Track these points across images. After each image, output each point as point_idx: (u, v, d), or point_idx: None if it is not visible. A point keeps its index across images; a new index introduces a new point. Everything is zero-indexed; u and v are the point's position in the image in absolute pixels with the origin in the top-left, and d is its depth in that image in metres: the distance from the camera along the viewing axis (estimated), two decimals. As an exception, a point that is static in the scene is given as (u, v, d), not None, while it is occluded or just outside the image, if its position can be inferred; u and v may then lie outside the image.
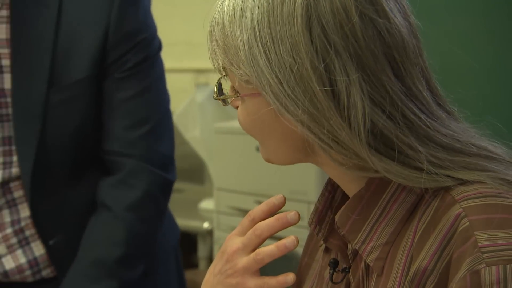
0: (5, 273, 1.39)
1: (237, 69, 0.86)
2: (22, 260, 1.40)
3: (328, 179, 0.95)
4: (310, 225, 0.94)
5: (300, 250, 1.04)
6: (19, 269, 1.40)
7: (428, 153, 0.81)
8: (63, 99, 1.35)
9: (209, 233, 2.70)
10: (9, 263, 1.39)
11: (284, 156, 0.90)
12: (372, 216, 0.85)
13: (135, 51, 1.38)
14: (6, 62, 1.35)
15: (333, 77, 0.80)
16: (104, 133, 1.40)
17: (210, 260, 2.71)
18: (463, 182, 0.81)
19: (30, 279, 1.41)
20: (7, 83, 1.35)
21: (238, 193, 2.45)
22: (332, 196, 0.94)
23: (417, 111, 0.83)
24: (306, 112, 0.81)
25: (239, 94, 0.89)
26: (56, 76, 1.34)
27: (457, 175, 0.81)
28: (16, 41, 1.34)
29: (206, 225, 2.71)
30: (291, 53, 0.81)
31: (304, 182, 2.18)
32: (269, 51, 0.82)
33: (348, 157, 0.83)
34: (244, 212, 2.45)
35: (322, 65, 0.80)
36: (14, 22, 1.34)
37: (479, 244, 0.75)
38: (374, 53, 0.81)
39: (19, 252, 1.39)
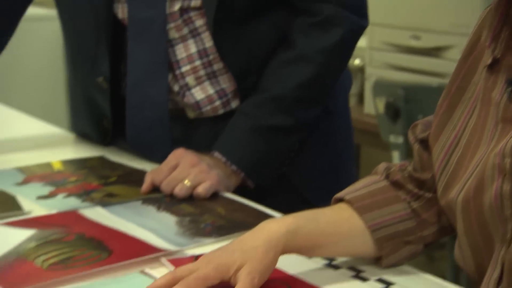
0: (197, 104, 1.43)
1: None
2: (211, 91, 1.42)
3: None
4: (485, 43, 0.90)
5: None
6: (209, 99, 1.43)
7: None
8: None
9: (361, 70, 2.66)
10: (198, 94, 1.42)
11: None
12: None
13: None
14: None
15: None
16: None
17: (360, 96, 2.69)
18: None
19: (220, 111, 1.44)
20: None
21: (393, 28, 2.37)
22: (506, 12, 0.88)
23: None
24: None
25: None
26: None
27: None
28: None
29: (357, 62, 2.66)
30: None
31: (466, 13, 2.07)
32: None
33: None
34: (399, 48, 2.38)
35: None
36: None
37: None
38: None
39: (207, 83, 1.42)
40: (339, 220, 1.00)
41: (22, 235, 1.16)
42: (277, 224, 0.97)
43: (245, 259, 0.94)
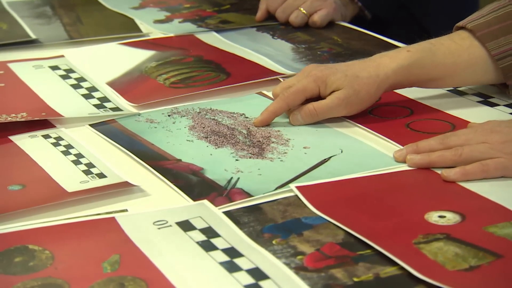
0: None
1: None
2: None
3: None
4: None
5: None
6: None
7: None
8: None
9: None
10: None
11: None
12: None
13: None
14: None
15: None
16: None
17: None
18: None
19: None
20: None
21: None
22: None
23: None
24: None
25: None
26: None
27: None
28: None
29: None
30: None
31: None
32: None
33: None
34: None
35: None
36: None
37: None
38: None
39: None
40: (457, 50, 0.94)
41: (142, 55, 1.18)
42: (390, 59, 0.93)
43: (343, 84, 0.92)
